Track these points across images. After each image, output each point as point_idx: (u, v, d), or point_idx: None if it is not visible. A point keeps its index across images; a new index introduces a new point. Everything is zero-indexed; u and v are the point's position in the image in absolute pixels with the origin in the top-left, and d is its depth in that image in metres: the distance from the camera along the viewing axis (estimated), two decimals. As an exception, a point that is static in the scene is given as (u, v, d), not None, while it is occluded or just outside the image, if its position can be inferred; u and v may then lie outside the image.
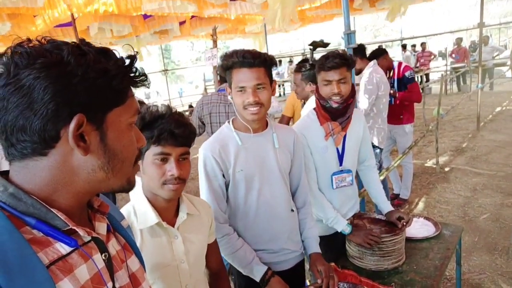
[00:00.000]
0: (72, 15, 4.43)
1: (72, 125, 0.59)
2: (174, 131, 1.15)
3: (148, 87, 0.71)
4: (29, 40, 0.60)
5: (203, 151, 1.55)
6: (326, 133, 1.92)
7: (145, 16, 5.95)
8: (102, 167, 0.64)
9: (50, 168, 0.61)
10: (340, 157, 1.98)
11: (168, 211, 1.25)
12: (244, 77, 1.45)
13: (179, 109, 1.36)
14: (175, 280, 1.23)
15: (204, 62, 6.49)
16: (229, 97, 1.56)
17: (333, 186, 2.00)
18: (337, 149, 1.97)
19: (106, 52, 0.64)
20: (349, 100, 1.88)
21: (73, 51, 0.59)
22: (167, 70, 13.55)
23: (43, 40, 0.61)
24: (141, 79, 0.69)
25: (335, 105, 1.85)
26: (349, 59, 1.85)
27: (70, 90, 0.58)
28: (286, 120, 3.65)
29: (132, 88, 0.69)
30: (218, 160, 1.53)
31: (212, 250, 1.43)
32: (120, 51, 0.68)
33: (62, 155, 0.61)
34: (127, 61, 0.66)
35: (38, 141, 0.59)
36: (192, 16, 6.57)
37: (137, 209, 1.20)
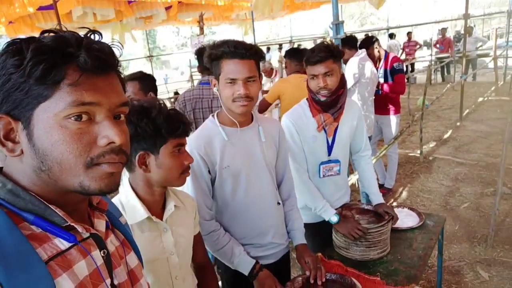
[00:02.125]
0: (53, -3, 4.26)
1: None
2: (188, 122, 1.23)
3: (85, 68, 0.59)
4: None
5: (188, 148, 1.50)
6: (318, 125, 1.93)
7: (129, 1, 5.80)
8: (39, 168, 0.60)
9: (13, 166, 0.62)
10: (330, 147, 2.00)
11: (156, 204, 1.25)
12: (235, 68, 1.39)
13: (165, 96, 1.39)
14: (166, 272, 1.24)
15: (190, 48, 6.40)
16: (214, 89, 1.50)
17: (320, 175, 2.02)
18: (327, 139, 1.99)
19: (29, 41, 0.58)
20: (339, 91, 1.88)
21: None
22: (152, 56, 13.30)
23: None
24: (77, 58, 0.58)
25: (322, 99, 1.86)
26: (335, 51, 1.82)
27: None
28: (266, 105, 3.65)
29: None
30: (204, 156, 1.49)
31: (197, 242, 1.43)
32: (107, 36, 0.65)
33: (7, 156, 0.61)
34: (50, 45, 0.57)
35: None
36: (179, 2, 6.44)
37: (124, 204, 1.19)
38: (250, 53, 1.40)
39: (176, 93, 9.60)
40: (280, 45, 13.05)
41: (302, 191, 1.97)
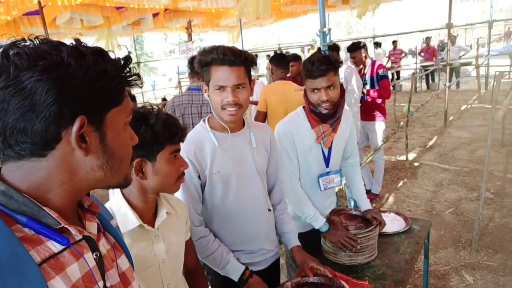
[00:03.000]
0: (40, 3, 4.22)
1: (75, 127, 0.59)
2: (184, 128, 1.24)
3: (141, 87, 0.72)
4: (23, 39, 0.59)
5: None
6: (317, 136, 1.89)
7: (118, 7, 5.78)
8: (101, 167, 0.65)
9: (48, 168, 0.61)
10: (327, 159, 1.98)
11: (147, 212, 1.24)
12: (223, 75, 1.39)
13: (153, 102, 1.39)
14: (157, 280, 1.23)
15: (178, 55, 6.40)
16: (205, 95, 1.50)
17: (320, 188, 1.98)
18: (323, 150, 1.96)
19: (102, 53, 0.64)
20: (338, 102, 1.86)
21: (72, 52, 0.59)
22: (139, 62, 13.23)
23: (36, 40, 0.60)
24: (135, 79, 0.69)
25: (324, 111, 1.82)
26: (335, 63, 1.80)
27: (72, 92, 0.58)
28: (262, 116, 3.57)
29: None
30: (194, 161, 1.49)
31: (188, 247, 1.42)
32: (93, 42, 0.67)
33: (61, 156, 0.61)
34: (122, 62, 0.66)
35: (38, 142, 0.58)
36: (166, 9, 6.44)
37: (115, 211, 1.17)
38: (240, 60, 1.40)
39: (164, 99, 9.56)
40: (269, 55, 13.15)
41: (292, 199, 1.96)
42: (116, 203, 1.20)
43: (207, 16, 7.19)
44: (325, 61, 1.75)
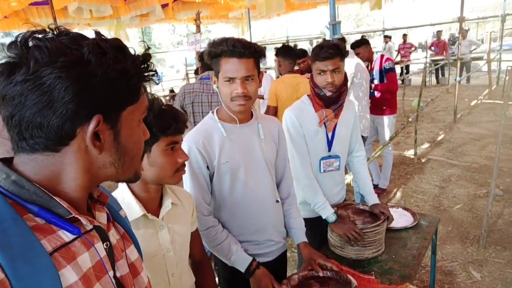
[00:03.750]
0: (49, -8, 4.22)
1: (91, 126, 0.59)
2: (182, 119, 1.21)
3: (158, 83, 0.71)
4: (44, 30, 0.58)
5: (187, 143, 1.51)
6: (320, 119, 1.97)
7: (126, -2, 5.77)
8: (113, 163, 0.65)
9: (61, 163, 0.61)
10: (330, 143, 2.04)
11: (152, 202, 1.24)
12: (233, 67, 1.40)
13: (160, 94, 1.37)
14: (162, 269, 1.23)
15: (187, 46, 6.37)
16: (214, 86, 1.51)
17: (320, 170, 2.05)
18: (327, 135, 2.03)
19: (123, 50, 0.63)
20: (342, 88, 1.95)
21: (93, 49, 0.58)
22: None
23: (56, 30, 0.59)
24: (152, 75, 0.68)
25: (328, 94, 1.92)
26: (343, 49, 1.91)
27: (90, 90, 0.58)
28: (273, 111, 3.53)
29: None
30: (202, 151, 1.50)
31: (194, 239, 1.43)
32: (104, 33, 0.66)
33: (74, 152, 0.61)
34: (142, 59, 0.66)
35: (53, 138, 0.58)
36: (174, 0, 6.42)
37: (120, 201, 1.17)
38: (249, 52, 1.40)
39: (171, 91, 9.58)
40: (277, 47, 13.05)
41: (304, 185, 2.00)
42: (121, 193, 1.20)
43: (216, 7, 7.15)
44: (333, 46, 1.88)
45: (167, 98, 7.53)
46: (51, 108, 0.56)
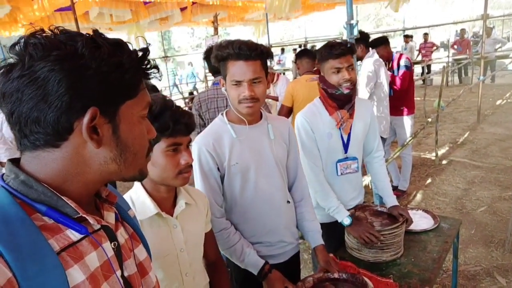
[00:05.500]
0: (72, -1, 4.36)
1: (86, 118, 0.59)
2: (184, 121, 1.17)
3: (160, 79, 0.71)
4: (42, 30, 0.60)
5: (197, 146, 1.51)
6: (337, 122, 1.93)
7: (145, 2, 5.87)
8: (114, 159, 0.65)
9: (62, 159, 0.62)
10: (346, 145, 2.00)
11: (166, 201, 1.25)
12: (239, 70, 1.39)
13: (179, 97, 1.37)
14: (175, 269, 1.24)
15: (205, 49, 6.43)
16: (223, 89, 1.51)
17: (337, 172, 2.01)
18: (342, 136, 1.98)
19: (120, 45, 0.63)
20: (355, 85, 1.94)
21: (87, 43, 0.59)
22: (167, 56, 13.42)
23: (56, 30, 0.60)
24: (153, 72, 0.69)
25: (346, 91, 1.87)
26: (353, 47, 1.93)
27: (84, 83, 0.58)
28: (286, 110, 3.54)
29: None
30: (213, 153, 1.50)
31: (209, 239, 1.43)
32: (125, 37, 0.67)
33: (74, 147, 0.61)
34: (140, 54, 0.66)
35: (51, 133, 0.59)
36: (193, 3, 6.49)
37: (135, 200, 1.19)
38: (256, 54, 1.39)
39: (191, 93, 9.68)
40: (295, 49, 13.03)
41: (315, 190, 1.97)
42: (135, 191, 1.22)
43: (234, 9, 7.20)
44: (344, 44, 1.88)
45: (187, 100, 7.61)
46: (47, 101, 0.57)
